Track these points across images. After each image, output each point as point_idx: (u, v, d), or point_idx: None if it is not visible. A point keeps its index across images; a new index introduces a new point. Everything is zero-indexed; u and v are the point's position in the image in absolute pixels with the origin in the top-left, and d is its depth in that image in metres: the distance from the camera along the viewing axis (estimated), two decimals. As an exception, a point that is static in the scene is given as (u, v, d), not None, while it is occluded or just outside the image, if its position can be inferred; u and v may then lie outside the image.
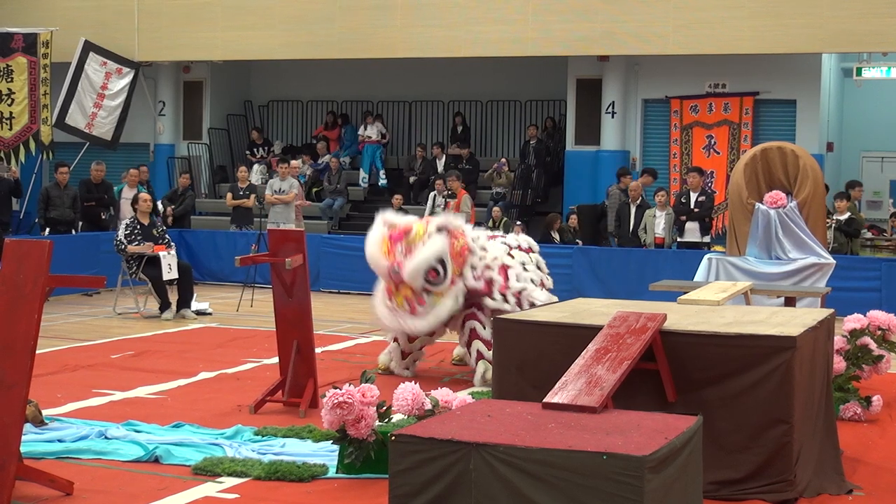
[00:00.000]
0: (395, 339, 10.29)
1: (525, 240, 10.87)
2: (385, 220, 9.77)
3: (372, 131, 22.98)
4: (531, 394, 6.04)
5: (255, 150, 23.44)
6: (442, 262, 9.51)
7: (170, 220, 18.75)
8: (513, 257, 10.25)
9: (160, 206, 18.28)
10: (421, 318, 9.50)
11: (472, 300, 9.79)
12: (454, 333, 10.41)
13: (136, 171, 18.65)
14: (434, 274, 9.47)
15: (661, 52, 19.19)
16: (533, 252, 10.72)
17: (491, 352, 9.48)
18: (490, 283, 9.75)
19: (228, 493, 6.31)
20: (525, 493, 4.59)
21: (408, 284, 9.45)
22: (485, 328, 9.66)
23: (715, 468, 5.99)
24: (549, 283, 10.84)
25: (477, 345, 9.78)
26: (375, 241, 9.67)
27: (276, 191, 18.59)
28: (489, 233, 10.89)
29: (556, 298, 9.79)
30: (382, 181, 22.71)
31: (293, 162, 19.87)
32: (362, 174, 22.96)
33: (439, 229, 9.60)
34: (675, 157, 20.23)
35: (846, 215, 16.42)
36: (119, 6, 21.98)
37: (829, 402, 7.05)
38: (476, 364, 9.81)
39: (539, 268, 10.67)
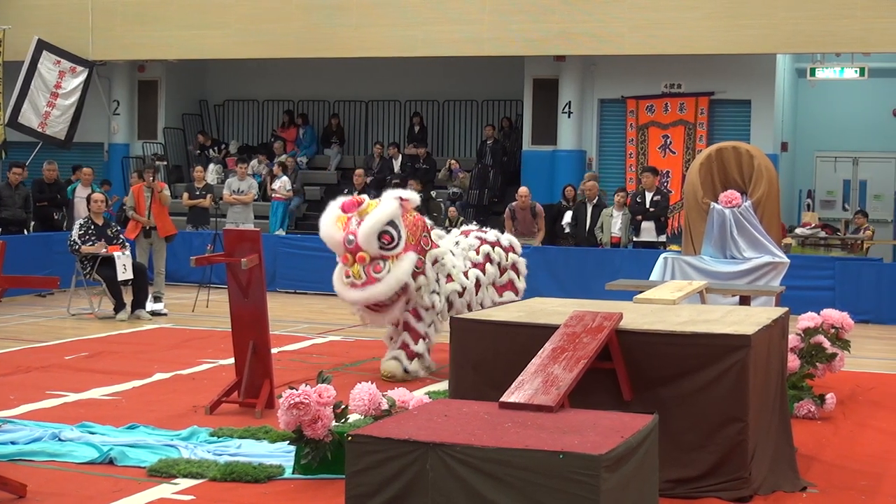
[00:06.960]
0: (391, 338, 10.33)
1: (507, 238, 11.18)
2: (337, 202, 9.99)
3: (277, 185, 20.65)
4: (488, 393, 6.04)
5: (206, 151, 23.30)
6: (395, 225, 9.64)
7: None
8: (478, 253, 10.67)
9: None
10: (380, 283, 9.57)
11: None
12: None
13: (90, 169, 18.52)
14: (388, 238, 9.60)
15: (618, 53, 19.27)
16: (504, 250, 10.96)
17: (417, 344, 9.98)
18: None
19: (184, 495, 6.27)
20: (482, 492, 4.59)
21: (364, 252, 9.54)
22: (418, 321, 10.04)
23: (671, 466, 6.01)
24: (521, 285, 11.03)
25: (404, 336, 10.09)
26: (329, 219, 9.86)
27: (234, 191, 18.48)
28: (462, 228, 11.20)
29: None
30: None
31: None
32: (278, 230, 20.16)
33: (392, 198, 9.81)
34: (631, 156, 20.31)
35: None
36: (73, 5, 21.78)
37: (783, 401, 7.11)
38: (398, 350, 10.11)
39: (498, 264, 10.84)
